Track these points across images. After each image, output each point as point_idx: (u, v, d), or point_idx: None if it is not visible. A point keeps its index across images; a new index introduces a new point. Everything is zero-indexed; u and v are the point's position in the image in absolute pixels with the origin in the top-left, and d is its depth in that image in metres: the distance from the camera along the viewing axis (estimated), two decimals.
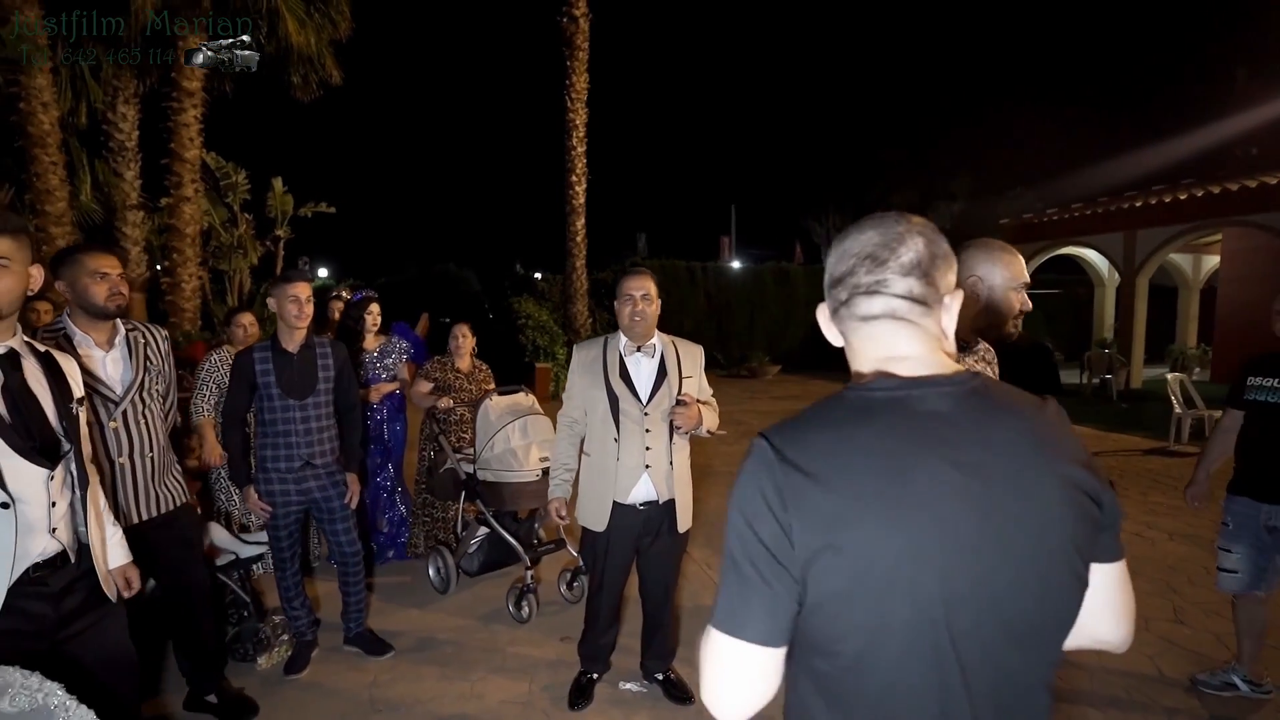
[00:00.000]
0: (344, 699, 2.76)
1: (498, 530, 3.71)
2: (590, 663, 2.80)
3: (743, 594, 0.83)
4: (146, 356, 2.49)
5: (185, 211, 9.67)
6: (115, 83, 9.98)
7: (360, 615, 3.16)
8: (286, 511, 2.95)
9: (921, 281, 0.90)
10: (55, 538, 1.72)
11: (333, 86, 10.60)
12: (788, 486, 0.82)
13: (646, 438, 2.57)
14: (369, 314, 4.41)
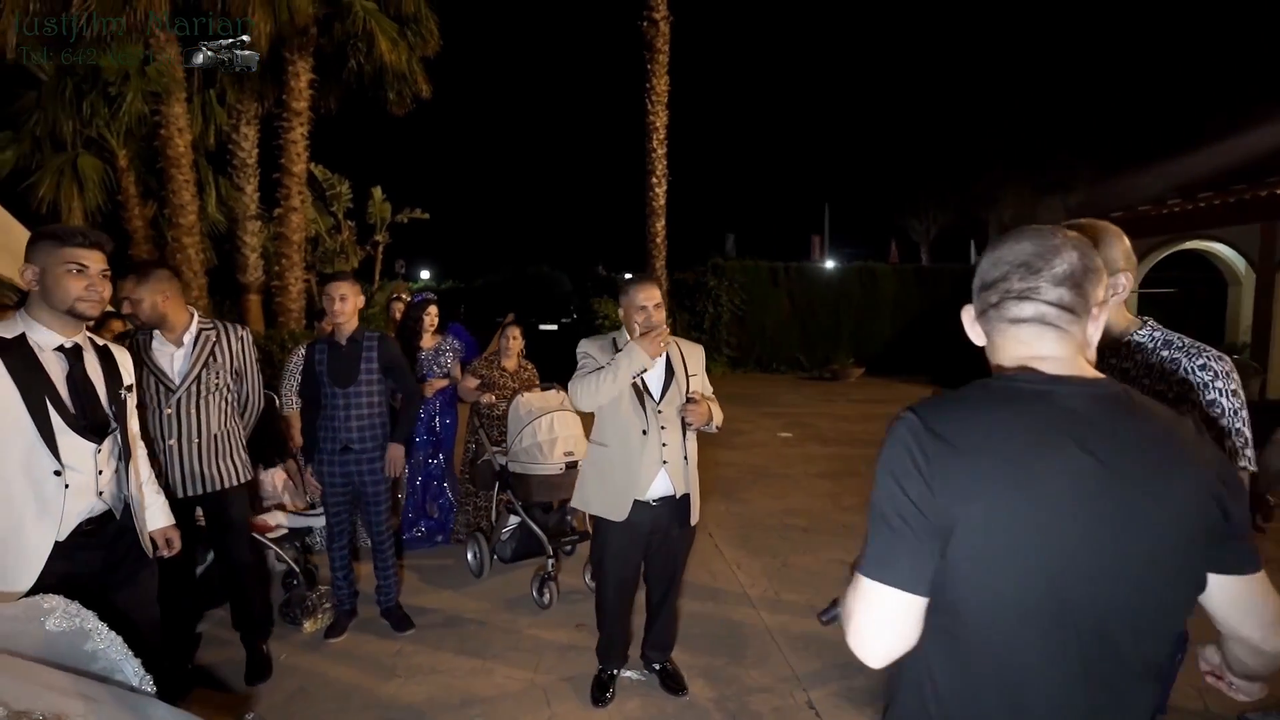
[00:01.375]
0: (370, 663, 3.02)
1: (525, 519, 3.87)
2: (608, 659, 2.84)
3: (892, 545, 0.92)
4: (212, 353, 2.81)
5: (293, 220, 10.62)
6: (238, 107, 11.11)
7: (390, 592, 3.41)
8: (333, 488, 3.25)
9: (1073, 291, 0.96)
10: (102, 499, 2.04)
11: (424, 100, 11.30)
12: (933, 452, 0.91)
13: (662, 434, 2.62)
14: (427, 315, 4.72)
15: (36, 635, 1.55)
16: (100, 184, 10.90)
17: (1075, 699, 0.91)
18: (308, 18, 9.55)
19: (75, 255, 1.94)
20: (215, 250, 11.98)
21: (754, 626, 3.38)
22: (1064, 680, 0.90)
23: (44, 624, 1.58)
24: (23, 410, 1.87)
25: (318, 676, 2.91)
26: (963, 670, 0.94)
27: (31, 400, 1.88)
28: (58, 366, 1.97)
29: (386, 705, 2.70)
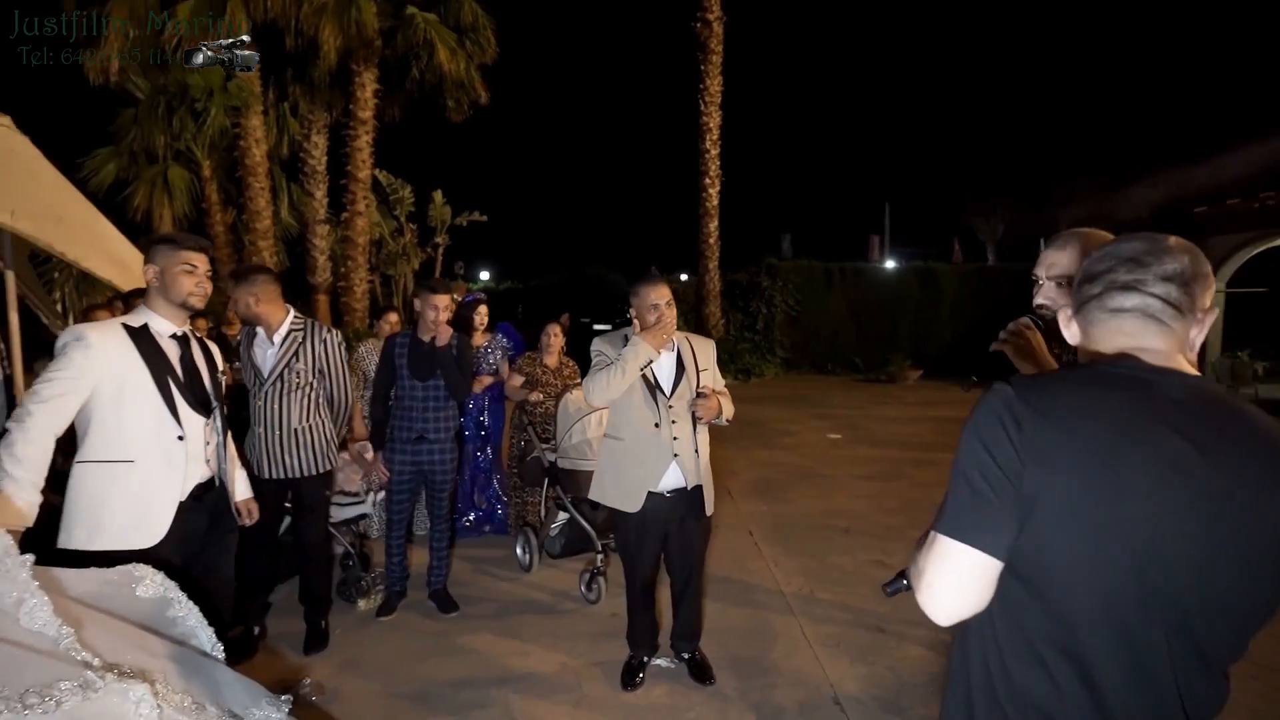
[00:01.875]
0: (416, 639, 3.23)
1: (573, 515, 4.01)
2: (637, 647, 2.94)
3: (973, 506, 0.94)
4: (296, 352, 3.07)
5: (358, 224, 11.18)
6: (309, 117, 11.76)
7: (442, 575, 3.61)
8: (401, 476, 3.46)
9: (1180, 289, 0.97)
10: (208, 467, 2.38)
11: (482, 106, 11.68)
12: (1026, 421, 0.92)
13: (673, 428, 2.71)
14: (477, 314, 4.93)
15: (128, 599, 1.77)
16: (187, 193, 11.75)
17: (1146, 682, 0.91)
18: (373, 31, 10.04)
19: (188, 257, 2.27)
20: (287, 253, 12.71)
21: (785, 623, 3.43)
22: (1137, 662, 0.90)
23: (135, 590, 1.80)
24: (152, 386, 2.20)
25: (367, 650, 3.13)
26: (1036, 646, 0.94)
27: (157, 377, 2.22)
28: (173, 350, 2.30)
29: (427, 679, 2.89)
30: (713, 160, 13.61)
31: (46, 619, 1.37)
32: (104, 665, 1.41)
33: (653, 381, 2.74)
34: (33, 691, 1.22)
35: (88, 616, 1.51)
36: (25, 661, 1.28)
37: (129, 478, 2.16)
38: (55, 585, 1.49)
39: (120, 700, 1.38)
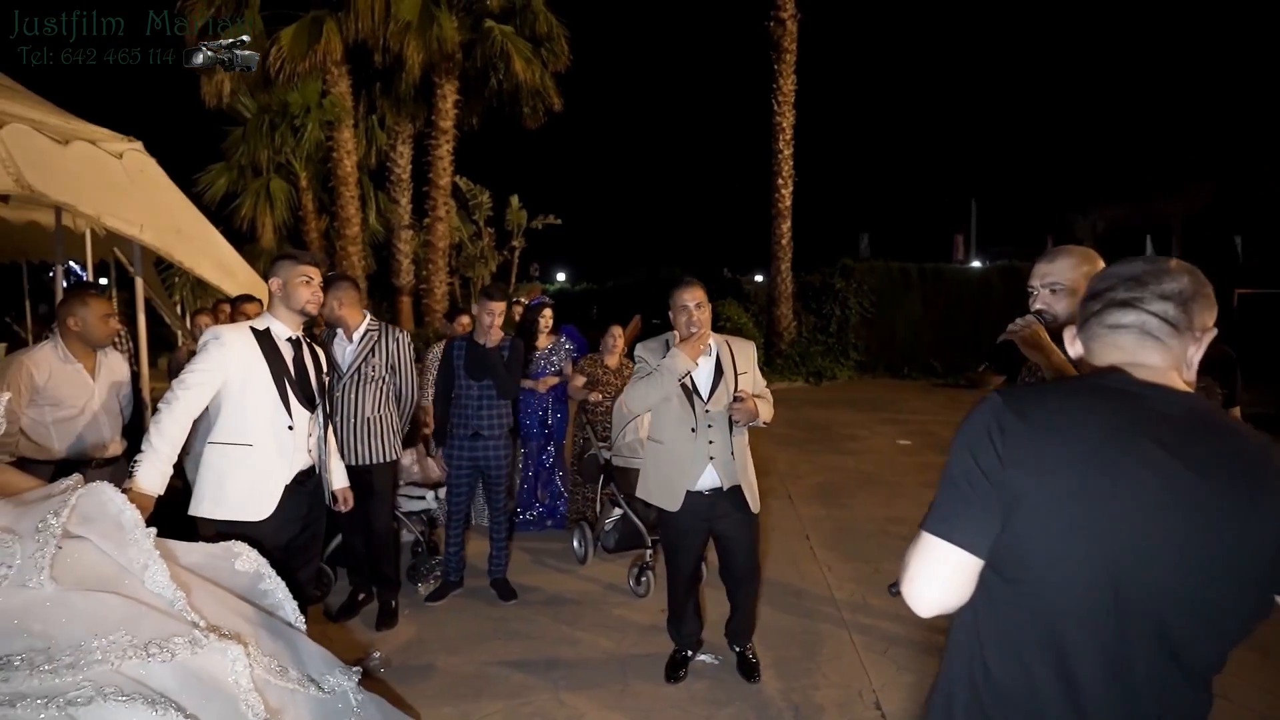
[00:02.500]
0: (477, 623, 3.46)
1: (626, 511, 4.16)
2: (679, 640, 3.04)
3: (957, 507, 1.01)
4: (371, 349, 3.42)
5: (439, 229, 11.77)
6: (395, 129, 12.47)
7: (501, 564, 3.84)
8: (459, 471, 3.71)
9: (1177, 308, 1.01)
10: (310, 456, 2.68)
11: (556, 112, 12.04)
12: (1010, 427, 0.98)
13: (709, 432, 2.79)
14: (542, 317, 5.16)
15: (228, 571, 2.04)
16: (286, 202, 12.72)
17: (1123, 685, 0.93)
18: (453, 45, 10.55)
19: (305, 270, 2.62)
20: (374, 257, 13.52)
21: (834, 627, 3.45)
22: (1114, 665, 0.93)
23: (234, 564, 2.07)
24: (270, 381, 2.54)
25: (431, 630, 3.39)
26: (1014, 642, 0.99)
27: (274, 374, 2.56)
28: (288, 351, 2.63)
29: (484, 660, 3.10)
30: (786, 160, 13.46)
31: (165, 583, 1.62)
32: (208, 626, 1.65)
33: (690, 386, 2.82)
34: (154, 643, 1.47)
35: (195, 583, 1.77)
36: (148, 616, 1.53)
37: (247, 459, 2.50)
38: (170, 554, 1.75)
39: (220, 657, 1.63)
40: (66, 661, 1.33)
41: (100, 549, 1.60)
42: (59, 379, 2.97)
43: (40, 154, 4.06)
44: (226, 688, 1.57)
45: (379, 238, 13.63)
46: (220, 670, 1.60)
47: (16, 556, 1.43)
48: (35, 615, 1.38)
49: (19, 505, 1.56)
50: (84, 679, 1.33)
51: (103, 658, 1.36)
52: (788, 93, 13.33)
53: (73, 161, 4.36)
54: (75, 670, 1.32)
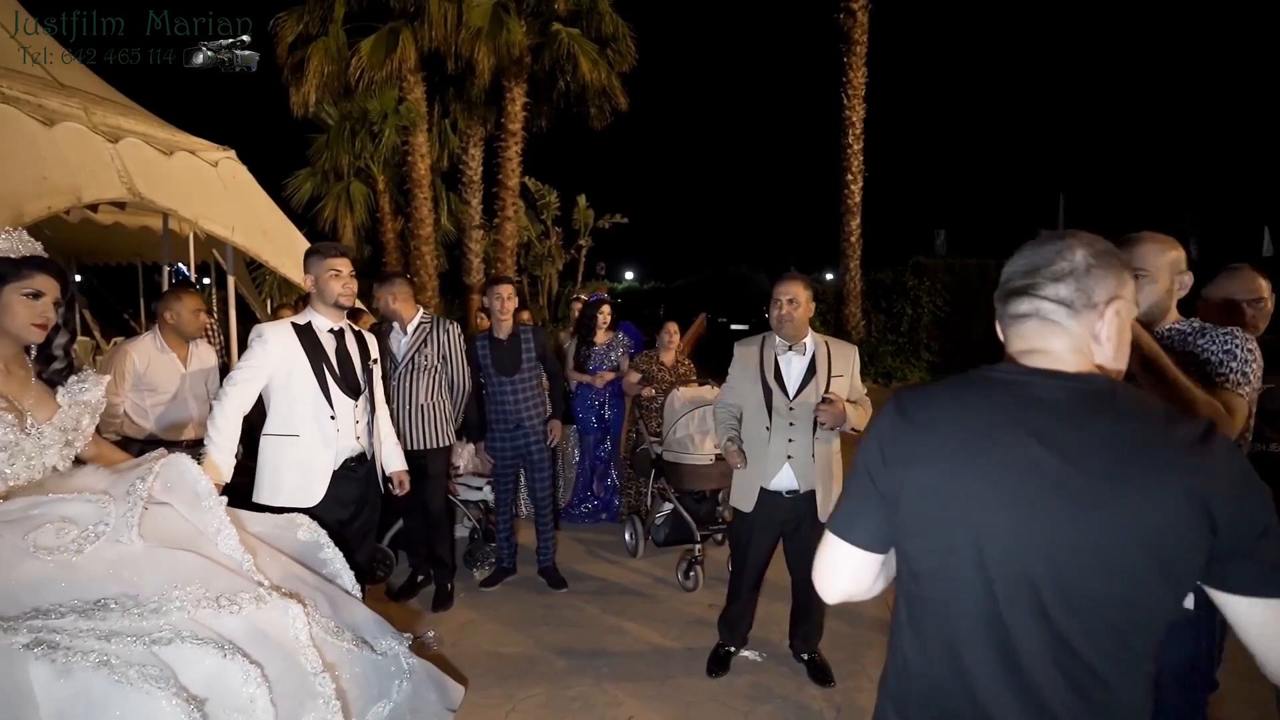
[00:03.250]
0: (528, 608, 3.59)
1: (677, 506, 4.21)
2: (727, 636, 3.05)
3: (852, 509, 1.09)
4: (425, 340, 3.60)
5: (508, 229, 12.12)
6: (467, 132, 12.92)
7: (549, 553, 3.95)
8: (503, 463, 3.85)
9: (1072, 288, 0.99)
10: (358, 443, 2.80)
11: (622, 112, 12.20)
12: (896, 429, 1.03)
13: (790, 430, 2.75)
14: (601, 313, 5.26)
15: (290, 539, 2.21)
16: (365, 205, 13.41)
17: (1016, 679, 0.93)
18: (522, 48, 10.85)
19: (332, 264, 2.71)
20: (446, 256, 14.06)
21: (881, 632, 3.39)
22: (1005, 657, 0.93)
23: (296, 534, 2.25)
24: (310, 374, 2.68)
25: (483, 613, 3.54)
26: (921, 634, 1.03)
27: (315, 366, 2.69)
28: (329, 343, 2.75)
29: (532, 644, 3.22)
30: (855, 156, 13.14)
31: (234, 545, 1.79)
32: (271, 585, 1.82)
33: (776, 384, 2.79)
34: (224, 596, 1.63)
35: (260, 548, 1.94)
36: (219, 574, 1.70)
37: (295, 448, 2.66)
38: (239, 522, 1.93)
39: (281, 614, 1.78)
40: (151, 607, 1.50)
41: (180, 513, 1.79)
42: (156, 367, 3.29)
43: (149, 164, 4.48)
44: (287, 642, 1.72)
45: (450, 238, 14.17)
46: (281, 626, 1.76)
47: (111, 516, 1.62)
48: (127, 566, 1.56)
49: (114, 473, 1.77)
50: (165, 623, 1.50)
51: (181, 606, 1.53)
52: (858, 86, 13.00)
53: (176, 170, 4.77)
54: (159, 615, 1.49)
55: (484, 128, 12.94)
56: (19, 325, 1.72)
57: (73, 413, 1.79)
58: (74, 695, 1.36)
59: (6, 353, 1.74)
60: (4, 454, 1.64)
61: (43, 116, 3.71)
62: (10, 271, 1.71)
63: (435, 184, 13.21)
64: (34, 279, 1.73)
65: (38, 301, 1.74)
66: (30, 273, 1.73)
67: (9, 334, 1.73)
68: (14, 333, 1.73)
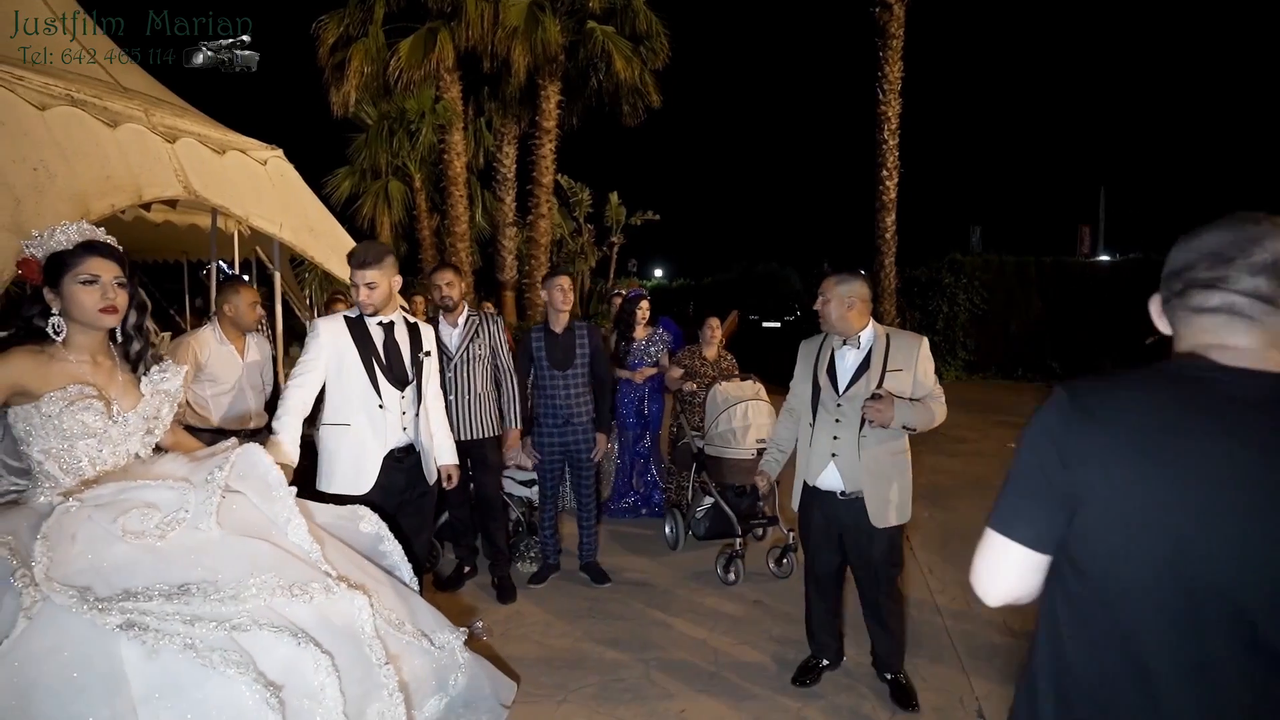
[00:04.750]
0: (573, 601, 3.61)
1: (718, 500, 4.18)
2: (815, 647, 2.91)
3: (1019, 504, 1.02)
4: (475, 332, 3.68)
5: (541, 226, 12.20)
6: (501, 130, 13.05)
7: (591, 548, 3.95)
8: (550, 458, 3.85)
9: (1272, 280, 0.93)
10: (406, 434, 2.84)
11: (654, 109, 12.19)
12: (1071, 421, 0.96)
13: (835, 428, 2.65)
14: (639, 309, 5.26)
15: (353, 532, 2.24)
16: (402, 202, 13.62)
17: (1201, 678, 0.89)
18: (557, 47, 10.90)
19: (354, 276, 2.74)
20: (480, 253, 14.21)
21: (933, 631, 3.33)
22: (1188, 658, 0.90)
23: (358, 526, 2.28)
24: (360, 365, 2.74)
25: (529, 605, 3.56)
26: (1088, 632, 0.98)
27: (364, 357, 2.75)
28: (379, 335, 2.81)
29: (580, 637, 3.23)
30: (891, 151, 12.93)
31: (303, 535, 1.82)
32: (338, 576, 1.84)
33: (820, 380, 2.71)
34: (296, 585, 1.66)
35: (326, 539, 1.96)
36: (290, 563, 1.72)
37: (347, 438, 2.73)
38: (307, 512, 1.96)
39: (348, 605, 1.81)
40: (229, 593, 1.53)
41: (253, 503, 1.82)
42: (216, 358, 3.37)
43: (203, 163, 4.59)
44: (354, 632, 1.75)
45: (485, 234, 14.33)
46: (348, 616, 1.78)
47: (191, 503, 1.65)
48: (205, 552, 1.60)
49: (192, 461, 1.81)
50: (243, 609, 1.53)
51: (256, 593, 1.56)
52: (894, 80, 12.78)
53: (228, 169, 4.88)
54: (236, 601, 1.53)
55: (518, 126, 13.04)
56: (87, 314, 1.74)
57: (154, 401, 1.83)
58: (161, 676, 1.40)
59: (91, 344, 1.79)
60: (94, 440, 1.70)
61: (107, 118, 3.83)
62: (66, 263, 1.73)
63: (470, 182, 13.36)
64: (86, 263, 1.73)
65: (96, 286, 1.73)
66: (82, 258, 1.74)
67: (83, 324, 1.76)
68: (85, 322, 1.75)
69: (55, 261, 1.73)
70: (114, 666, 1.38)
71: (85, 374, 1.76)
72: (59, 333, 1.73)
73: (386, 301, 2.81)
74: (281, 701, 1.52)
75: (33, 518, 1.58)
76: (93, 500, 1.59)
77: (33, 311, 1.74)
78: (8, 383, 1.65)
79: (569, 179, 15.28)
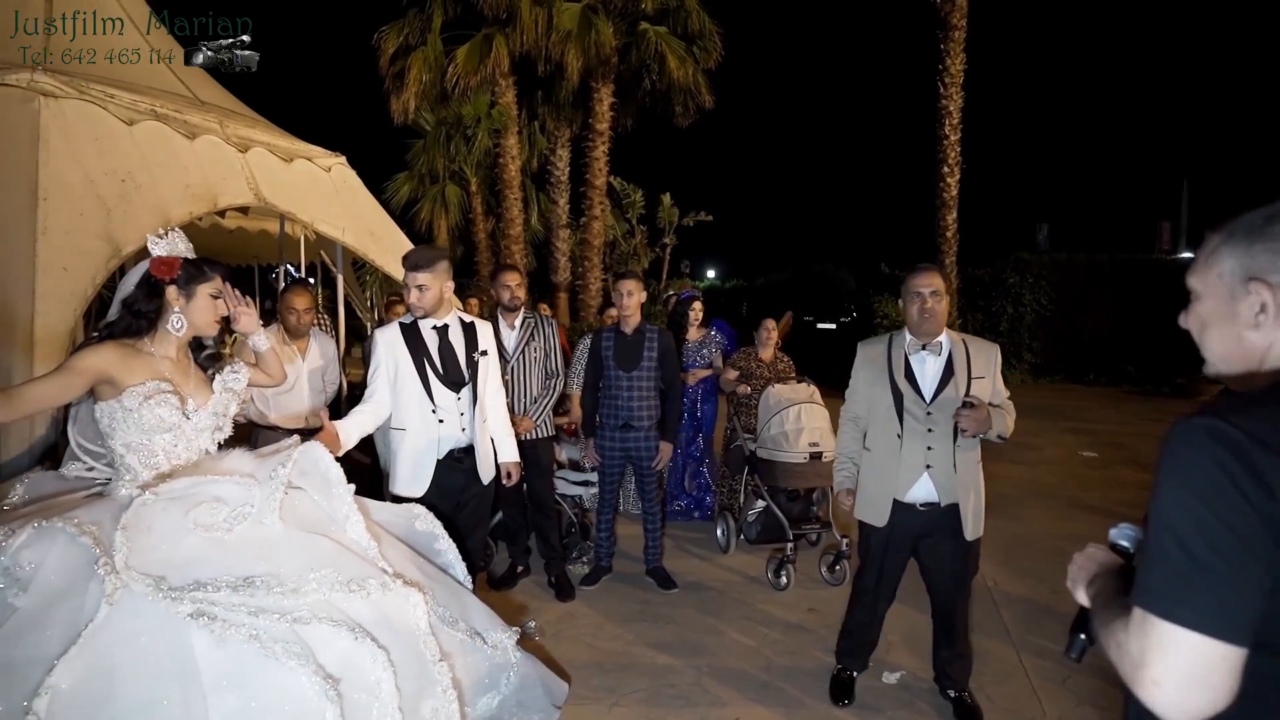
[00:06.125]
0: (624, 604, 3.60)
1: (770, 504, 4.11)
2: (847, 659, 2.81)
3: (1201, 584, 0.77)
4: (531, 334, 3.74)
5: (594, 228, 12.30)
6: (555, 133, 13.20)
7: (656, 553, 3.92)
8: (611, 461, 3.83)
9: None
10: (464, 435, 2.86)
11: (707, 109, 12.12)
12: (1265, 468, 0.76)
13: (929, 437, 2.51)
14: (692, 310, 5.22)
15: (409, 529, 2.28)
16: (459, 206, 13.96)
17: None
18: (610, 49, 10.97)
19: (409, 279, 2.77)
20: (535, 255, 14.42)
21: (1001, 649, 3.18)
22: None
23: (414, 524, 2.32)
24: (414, 370, 2.78)
25: (580, 607, 3.57)
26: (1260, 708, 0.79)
27: (417, 362, 2.79)
28: (433, 340, 2.83)
29: (631, 639, 3.22)
30: (952, 147, 12.50)
31: (361, 532, 1.86)
32: (394, 573, 1.87)
33: (900, 386, 2.58)
34: (354, 580, 1.69)
35: (383, 536, 2.01)
36: (349, 559, 1.76)
37: (405, 440, 2.78)
38: (365, 509, 2.00)
39: (403, 601, 1.83)
40: (291, 587, 1.58)
41: (313, 499, 1.88)
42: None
43: (272, 171, 4.79)
44: (409, 629, 1.77)
45: (539, 237, 14.55)
46: (403, 613, 1.81)
47: (256, 498, 1.72)
48: (269, 547, 1.66)
49: (257, 457, 1.88)
50: (304, 603, 1.57)
51: (316, 588, 1.61)
52: (956, 73, 12.36)
53: (295, 176, 5.08)
54: (298, 595, 1.57)
55: (571, 128, 13.19)
56: (205, 323, 1.91)
57: (223, 399, 1.92)
58: (228, 664, 1.45)
59: (178, 344, 1.90)
60: (169, 435, 1.78)
61: (186, 131, 4.04)
62: (200, 273, 1.89)
63: (525, 185, 13.59)
64: (216, 281, 1.92)
65: (218, 301, 1.92)
66: (214, 274, 1.92)
67: (193, 328, 1.91)
68: (199, 328, 1.92)
69: (194, 268, 1.89)
70: (186, 653, 1.44)
71: (165, 371, 1.86)
72: (177, 329, 1.88)
73: (437, 305, 2.83)
74: (340, 694, 1.55)
75: (114, 509, 1.67)
76: (167, 494, 1.67)
77: (149, 308, 1.85)
78: (96, 369, 1.76)
79: (622, 180, 15.34)
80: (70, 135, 3.54)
